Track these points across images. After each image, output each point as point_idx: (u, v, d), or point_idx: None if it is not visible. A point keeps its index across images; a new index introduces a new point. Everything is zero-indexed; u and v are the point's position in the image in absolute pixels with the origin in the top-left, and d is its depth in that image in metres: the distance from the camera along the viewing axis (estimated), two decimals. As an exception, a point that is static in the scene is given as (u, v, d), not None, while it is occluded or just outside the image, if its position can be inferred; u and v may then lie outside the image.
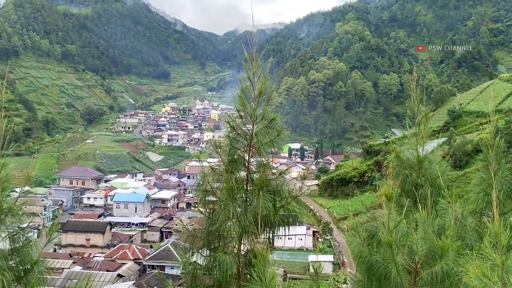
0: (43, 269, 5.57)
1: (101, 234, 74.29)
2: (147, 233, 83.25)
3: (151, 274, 59.59)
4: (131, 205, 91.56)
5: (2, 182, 5.24)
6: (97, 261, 61.60)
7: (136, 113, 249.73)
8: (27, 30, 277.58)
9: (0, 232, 5.23)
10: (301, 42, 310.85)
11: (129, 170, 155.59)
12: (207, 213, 6.84)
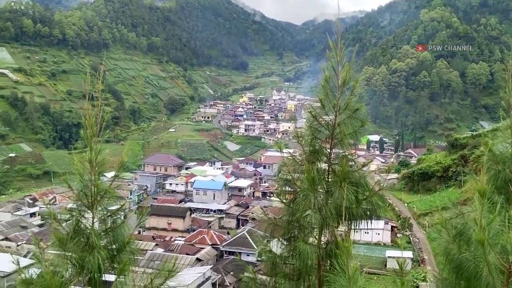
0: (133, 249, 5.91)
1: (181, 219, 77.47)
2: (224, 220, 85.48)
3: (228, 260, 61.29)
4: (209, 192, 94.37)
5: (99, 165, 5.62)
6: (178, 245, 64.36)
7: (215, 104, 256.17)
8: (116, 23, 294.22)
9: (96, 212, 5.63)
10: (382, 30, 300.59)
11: (208, 158, 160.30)
12: (287, 203, 6.87)
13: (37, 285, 5.11)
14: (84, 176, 5.65)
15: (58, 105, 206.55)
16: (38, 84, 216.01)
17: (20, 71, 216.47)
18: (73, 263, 5.23)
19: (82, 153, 18.74)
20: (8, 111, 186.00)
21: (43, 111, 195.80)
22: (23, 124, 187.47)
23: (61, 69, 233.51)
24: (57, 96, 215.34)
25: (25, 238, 69.04)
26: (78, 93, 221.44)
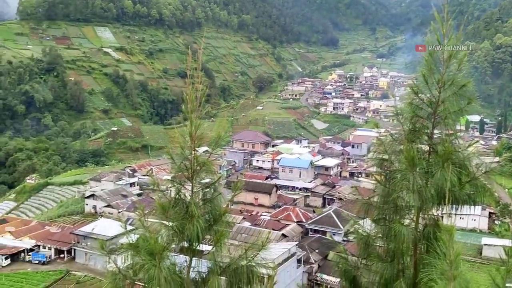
0: (229, 220, 6.11)
1: (268, 195, 78.84)
2: (310, 198, 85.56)
3: (313, 238, 61.54)
4: (295, 170, 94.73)
5: (198, 139, 5.84)
6: (264, 220, 65.76)
7: (303, 81, 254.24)
8: (208, 2, 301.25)
9: (195, 183, 5.88)
10: (486, 2, 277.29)
11: (294, 136, 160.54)
12: (383, 183, 6.66)
13: (141, 248, 5.48)
14: (184, 149, 5.90)
15: (155, 83, 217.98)
16: (137, 62, 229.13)
17: (121, 50, 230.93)
18: (174, 230, 5.53)
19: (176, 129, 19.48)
20: (111, 88, 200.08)
21: (141, 88, 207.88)
22: (124, 100, 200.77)
23: (157, 48, 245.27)
24: (154, 74, 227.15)
25: (125, 206, 74.49)
26: (173, 71, 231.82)
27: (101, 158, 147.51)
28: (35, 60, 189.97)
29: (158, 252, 5.17)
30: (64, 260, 61.44)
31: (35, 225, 71.04)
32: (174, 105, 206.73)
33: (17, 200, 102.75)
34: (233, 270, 5.78)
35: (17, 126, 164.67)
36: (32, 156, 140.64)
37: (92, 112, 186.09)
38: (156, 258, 5.19)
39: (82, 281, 56.53)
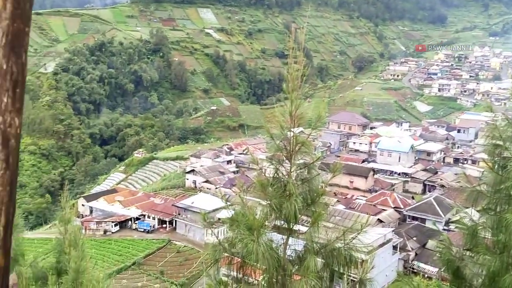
0: (326, 201, 6.06)
1: (364, 179, 77.14)
2: (409, 184, 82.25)
3: (411, 225, 59.30)
4: (394, 154, 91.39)
5: (298, 118, 5.83)
6: (359, 203, 64.61)
7: (406, 61, 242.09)
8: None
9: (294, 163, 5.90)
10: None
11: (395, 118, 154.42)
12: (495, 170, 6.16)
13: (240, 223, 5.66)
14: (284, 128, 5.94)
15: (253, 63, 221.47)
16: (237, 43, 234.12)
17: (222, 31, 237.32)
18: (271, 207, 5.63)
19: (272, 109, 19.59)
20: (211, 68, 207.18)
21: (240, 69, 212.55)
22: (223, 80, 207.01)
23: (257, 28, 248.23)
24: (252, 54, 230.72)
25: (222, 182, 77.46)
26: (271, 51, 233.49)
27: (201, 135, 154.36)
28: (143, 41, 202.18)
29: (256, 228, 5.31)
30: (166, 230, 65.74)
31: (141, 196, 76.67)
32: (271, 85, 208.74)
33: (126, 172, 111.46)
34: (330, 251, 5.77)
35: (127, 103, 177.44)
36: (139, 132, 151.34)
37: (193, 92, 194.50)
38: (254, 233, 5.34)
39: (182, 251, 60.15)
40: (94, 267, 9.28)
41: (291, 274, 5.66)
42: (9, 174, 1.45)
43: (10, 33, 1.42)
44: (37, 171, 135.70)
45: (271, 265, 5.37)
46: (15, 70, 1.44)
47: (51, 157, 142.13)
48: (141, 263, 56.54)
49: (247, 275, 6.02)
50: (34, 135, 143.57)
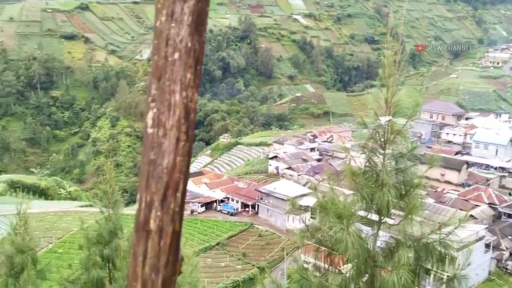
0: (420, 193, 5.80)
1: (457, 172, 72.96)
2: (506, 179, 76.45)
3: (506, 223, 55.36)
4: (491, 147, 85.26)
5: (394, 106, 5.60)
6: (450, 198, 61.33)
7: (508, 47, 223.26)
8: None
9: (388, 152, 5.70)
10: None
11: (493, 109, 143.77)
12: None
13: (330, 210, 5.60)
14: (378, 115, 5.74)
15: (341, 49, 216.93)
16: (325, 28, 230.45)
17: (310, 16, 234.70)
18: (363, 196, 5.50)
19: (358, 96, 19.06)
20: (298, 54, 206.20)
21: (327, 55, 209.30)
22: (309, 67, 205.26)
23: (346, 13, 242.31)
24: (340, 40, 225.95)
25: (305, 170, 77.32)
26: (360, 36, 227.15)
27: (285, 122, 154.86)
28: (232, 28, 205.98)
29: (346, 216, 5.22)
30: (249, 214, 67.17)
31: (226, 179, 78.90)
32: (359, 71, 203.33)
33: (212, 155, 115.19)
34: (423, 244, 5.53)
35: (214, 89, 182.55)
36: (225, 117, 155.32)
37: (279, 78, 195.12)
38: (344, 222, 5.25)
39: (264, 235, 61.19)
40: (185, 244, 9.72)
41: (381, 266, 5.51)
42: (188, 145, 1.52)
43: (195, 12, 1.48)
44: (132, 152, 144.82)
45: (360, 255, 5.26)
46: (198, 48, 1.50)
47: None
48: (224, 244, 58.39)
49: (333, 264, 5.96)
50: (130, 118, 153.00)
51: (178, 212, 1.53)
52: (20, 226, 10.81)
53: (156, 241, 1.47)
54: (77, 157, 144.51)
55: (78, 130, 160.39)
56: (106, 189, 11.40)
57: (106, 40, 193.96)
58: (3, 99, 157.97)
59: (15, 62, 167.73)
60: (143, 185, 1.50)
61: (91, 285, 10.56)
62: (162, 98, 1.49)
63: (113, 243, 10.87)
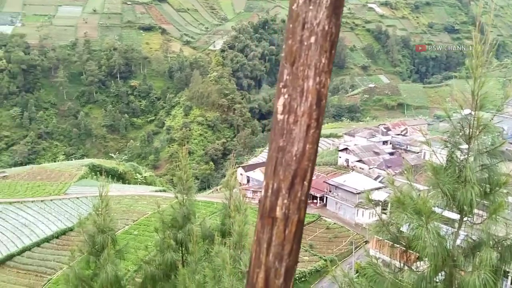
0: (507, 191, 5.45)
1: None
2: None
3: None
4: None
5: (481, 98, 5.28)
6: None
7: None
8: None
9: (473, 146, 5.39)
10: None
11: None
12: None
13: (408, 206, 5.40)
14: (463, 108, 5.43)
15: (418, 38, 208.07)
16: (401, 17, 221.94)
17: (386, 5, 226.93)
18: (444, 192, 5.24)
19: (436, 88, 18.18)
20: (372, 44, 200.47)
21: (403, 44, 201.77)
22: (384, 57, 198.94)
23: (424, 1, 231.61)
24: (418, 29, 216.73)
25: (376, 163, 75.35)
26: (439, 26, 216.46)
27: (356, 114, 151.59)
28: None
29: (426, 213, 5.01)
30: (317, 206, 66.78)
31: (295, 170, 78.83)
32: (437, 62, 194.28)
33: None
34: (508, 246, 5.18)
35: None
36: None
37: (351, 68, 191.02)
38: (423, 219, 5.05)
39: (331, 228, 60.62)
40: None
41: (461, 265, 5.25)
42: (318, 133, 1.50)
43: None
44: (203, 140, 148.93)
45: (439, 254, 5.03)
46: (334, 31, 1.46)
47: (216, 128, 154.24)
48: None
49: (409, 261, 5.76)
50: (202, 107, 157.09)
51: (304, 200, 1.51)
52: (102, 208, 11.48)
53: (281, 229, 1.46)
54: (152, 144, 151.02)
55: (154, 118, 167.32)
56: (181, 176, 11.81)
57: (181, 31, 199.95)
58: (87, 88, 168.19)
59: (97, 52, 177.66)
60: (271, 172, 1.47)
61: (165, 266, 11.03)
62: (295, 84, 1.46)
63: (187, 228, 11.26)
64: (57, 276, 51.46)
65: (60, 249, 56.73)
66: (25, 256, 56.60)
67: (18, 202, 69.10)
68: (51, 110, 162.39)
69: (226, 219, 11.28)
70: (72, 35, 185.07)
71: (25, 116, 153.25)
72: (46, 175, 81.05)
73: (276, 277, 1.49)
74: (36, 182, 77.36)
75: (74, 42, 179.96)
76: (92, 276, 10.80)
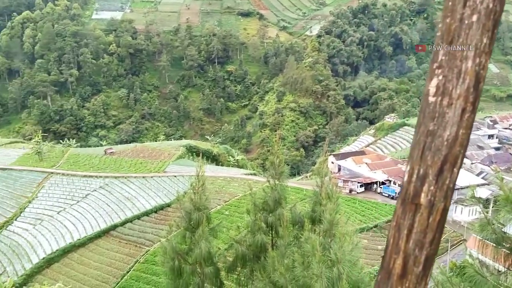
0: None
1: None
2: None
3: None
4: None
5: None
6: None
7: None
8: None
9: None
10: None
11: None
12: None
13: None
14: None
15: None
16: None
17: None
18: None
19: None
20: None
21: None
22: (494, 44, 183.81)
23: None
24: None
25: (479, 158, 70.40)
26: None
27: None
28: (407, 2, 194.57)
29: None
30: (411, 199, 64.07)
31: (389, 161, 76.21)
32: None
33: (375, 136, 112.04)
34: None
35: (383, 67, 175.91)
36: (393, 96, 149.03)
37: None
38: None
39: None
40: (347, 222, 9.74)
41: None
42: (472, 117, 1.42)
43: None
44: (295, 127, 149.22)
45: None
46: (498, 10, 1.37)
47: (308, 114, 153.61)
48: (382, 227, 56.91)
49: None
50: (296, 93, 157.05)
51: (451, 188, 1.46)
52: (199, 187, 12.01)
53: (425, 216, 1.40)
54: (245, 128, 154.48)
55: (248, 103, 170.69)
56: (273, 160, 11.95)
57: (278, 17, 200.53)
58: (187, 72, 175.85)
59: (197, 38, 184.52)
60: (417, 156, 1.41)
61: (255, 247, 11.31)
62: (451, 64, 1.38)
63: (277, 212, 11.40)
64: (154, 248, 55.03)
65: (158, 223, 60.49)
66: (126, 227, 61.10)
67: (123, 177, 74.67)
68: (154, 92, 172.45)
69: (317, 207, 11.24)
70: (175, 21, 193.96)
71: (131, 97, 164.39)
72: (147, 153, 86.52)
73: (415, 264, 1.43)
74: (138, 159, 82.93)
75: (176, 28, 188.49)
76: (187, 251, 11.41)
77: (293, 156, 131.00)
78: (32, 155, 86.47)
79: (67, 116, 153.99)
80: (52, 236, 62.11)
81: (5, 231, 65.65)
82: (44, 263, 56.72)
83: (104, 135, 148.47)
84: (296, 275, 9.33)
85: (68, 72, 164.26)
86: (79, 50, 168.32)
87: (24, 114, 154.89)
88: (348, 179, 68.73)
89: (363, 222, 57.90)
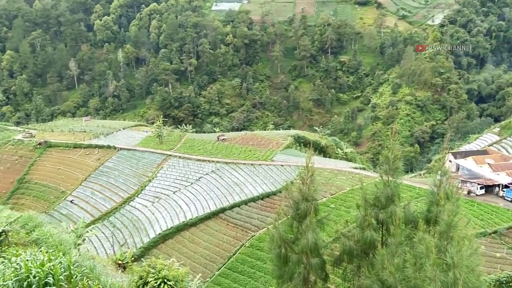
0: None
1: None
2: None
3: None
4: None
5: None
6: None
7: None
8: None
9: None
10: None
11: None
12: None
13: None
14: None
15: None
16: None
17: None
18: None
19: None
20: None
21: None
22: None
23: None
24: None
25: None
26: None
27: None
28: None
29: None
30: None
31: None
32: None
33: (500, 134, 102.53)
34: None
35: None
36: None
37: None
38: None
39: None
40: (467, 225, 9.01)
41: None
42: None
43: None
44: (410, 121, 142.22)
45: None
46: None
47: (425, 109, 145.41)
48: (502, 234, 52.12)
49: None
50: (413, 86, 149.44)
51: None
52: (308, 177, 11.95)
53: None
54: (356, 121, 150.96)
55: (360, 95, 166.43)
56: (388, 155, 11.45)
57: (398, 5, 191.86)
58: (299, 62, 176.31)
59: (312, 27, 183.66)
60: None
61: (363, 243, 10.99)
62: None
63: (389, 209, 10.94)
64: (259, 234, 56.43)
65: (264, 210, 61.85)
66: (234, 211, 63.43)
67: (232, 163, 77.49)
68: (265, 82, 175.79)
69: (433, 207, 10.56)
70: (290, 11, 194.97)
71: (244, 86, 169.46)
72: (256, 142, 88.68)
73: None
74: (248, 147, 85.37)
75: (291, 18, 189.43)
76: (293, 240, 11.45)
77: (407, 152, 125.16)
78: (154, 137, 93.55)
79: (185, 103, 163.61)
80: (168, 214, 66.73)
81: (127, 206, 72.04)
82: (159, 238, 61.18)
83: (217, 122, 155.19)
84: (407, 276, 8.90)
85: (188, 61, 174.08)
86: (199, 40, 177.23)
87: (148, 100, 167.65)
88: (467, 180, 63.89)
89: (482, 227, 53.49)
